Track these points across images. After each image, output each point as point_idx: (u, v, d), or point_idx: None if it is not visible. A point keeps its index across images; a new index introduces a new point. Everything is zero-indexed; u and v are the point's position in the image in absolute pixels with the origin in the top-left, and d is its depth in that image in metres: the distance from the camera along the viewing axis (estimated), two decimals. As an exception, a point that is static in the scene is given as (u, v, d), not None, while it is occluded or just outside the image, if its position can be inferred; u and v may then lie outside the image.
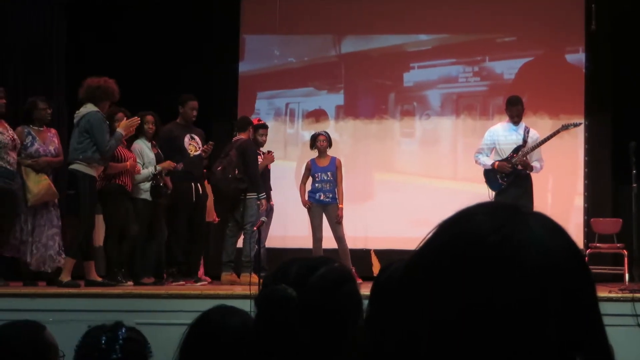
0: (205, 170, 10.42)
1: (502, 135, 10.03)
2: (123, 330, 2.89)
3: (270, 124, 11.65)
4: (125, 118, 9.40)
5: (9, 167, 9.12)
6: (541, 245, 1.09)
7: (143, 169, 9.76)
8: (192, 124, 10.34)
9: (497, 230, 1.09)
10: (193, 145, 10.19)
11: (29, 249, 9.32)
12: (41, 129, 9.58)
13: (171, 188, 9.90)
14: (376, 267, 10.84)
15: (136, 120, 9.34)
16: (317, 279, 1.88)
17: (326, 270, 1.93)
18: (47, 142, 9.55)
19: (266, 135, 10.76)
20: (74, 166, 9.11)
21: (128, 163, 9.52)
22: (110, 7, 12.25)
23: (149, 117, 9.92)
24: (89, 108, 9.15)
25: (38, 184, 9.27)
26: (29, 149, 9.39)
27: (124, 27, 12.35)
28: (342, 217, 10.38)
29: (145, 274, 9.69)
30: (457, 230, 1.11)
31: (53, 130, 9.76)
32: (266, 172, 10.65)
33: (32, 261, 9.35)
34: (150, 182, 9.71)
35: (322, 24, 12.79)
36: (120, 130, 9.18)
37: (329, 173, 10.49)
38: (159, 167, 9.79)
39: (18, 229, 9.28)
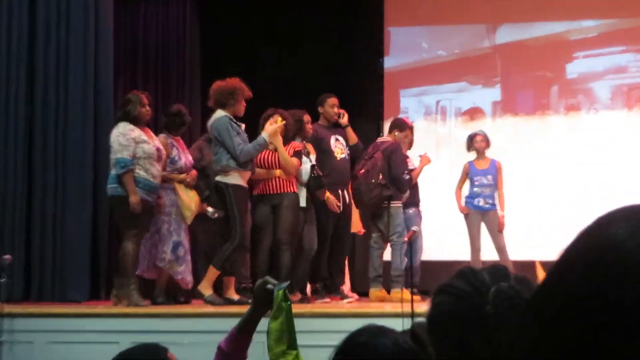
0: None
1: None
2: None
3: (420, 123, 11.53)
4: (279, 120, 8.83)
5: (152, 180, 8.46)
6: None
7: None
8: (335, 124, 9.94)
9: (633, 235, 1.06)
10: (338, 147, 9.80)
11: (188, 268, 8.90)
12: (176, 137, 9.13)
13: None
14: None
15: (280, 123, 8.75)
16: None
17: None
18: (185, 152, 9.13)
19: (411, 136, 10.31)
20: (217, 178, 8.53)
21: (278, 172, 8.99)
22: (245, 2, 12.28)
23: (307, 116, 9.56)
24: (217, 115, 8.58)
25: (193, 200, 8.86)
26: (177, 163, 8.90)
27: (260, 25, 12.31)
28: (503, 225, 9.83)
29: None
30: (595, 239, 1.09)
31: (180, 139, 9.33)
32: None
33: (190, 279, 8.93)
34: (310, 174, 9.23)
35: (473, 13, 12.48)
36: (263, 135, 8.58)
37: (489, 176, 10.00)
38: (312, 157, 9.35)
39: (166, 248, 8.73)
